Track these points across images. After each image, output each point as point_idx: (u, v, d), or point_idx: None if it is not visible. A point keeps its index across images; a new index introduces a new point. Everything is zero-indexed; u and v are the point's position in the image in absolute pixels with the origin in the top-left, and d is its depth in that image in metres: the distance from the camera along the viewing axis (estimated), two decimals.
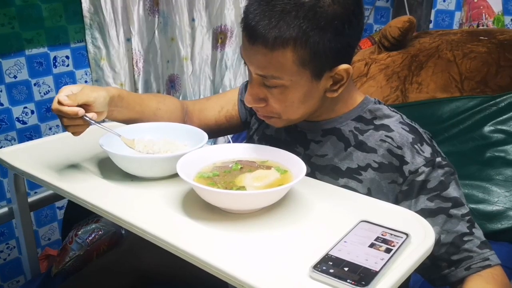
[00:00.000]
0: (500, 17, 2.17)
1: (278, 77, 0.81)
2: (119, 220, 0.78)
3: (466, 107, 1.32)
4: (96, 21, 1.69)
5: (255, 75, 0.84)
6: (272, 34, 0.77)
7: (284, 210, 0.79)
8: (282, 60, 0.78)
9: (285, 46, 0.77)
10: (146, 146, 0.94)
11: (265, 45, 0.78)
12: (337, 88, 0.85)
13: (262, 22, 0.77)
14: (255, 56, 0.81)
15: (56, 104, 0.82)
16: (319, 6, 0.77)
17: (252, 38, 0.79)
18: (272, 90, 0.83)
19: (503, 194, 1.18)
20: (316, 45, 0.78)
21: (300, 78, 0.81)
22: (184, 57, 2.05)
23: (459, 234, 0.82)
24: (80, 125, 0.85)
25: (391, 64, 1.55)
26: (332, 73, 0.83)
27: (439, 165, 0.84)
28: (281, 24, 0.76)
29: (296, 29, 0.76)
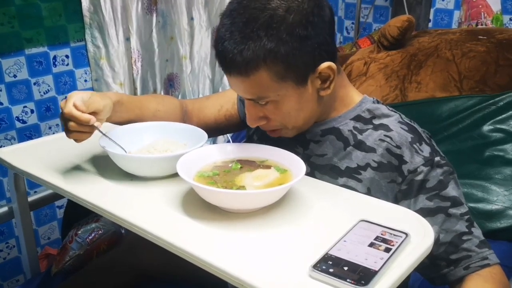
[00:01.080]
0: (499, 16, 2.17)
1: (265, 96, 0.82)
2: (119, 219, 0.78)
3: (465, 106, 1.32)
4: (95, 20, 1.69)
5: (246, 99, 0.86)
6: (241, 61, 0.78)
7: (283, 209, 0.79)
8: (260, 80, 0.80)
9: (257, 66, 0.78)
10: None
11: (239, 73, 0.80)
12: (328, 85, 0.86)
13: (228, 51, 0.78)
14: (236, 84, 0.83)
15: (71, 107, 0.82)
16: (275, 22, 0.77)
17: (227, 69, 0.81)
18: (267, 107, 0.85)
19: (502, 193, 1.19)
20: (286, 57, 0.78)
21: (286, 90, 0.82)
22: (183, 56, 2.05)
23: (458, 233, 0.82)
24: (86, 132, 0.85)
25: (390, 63, 1.56)
26: (316, 74, 0.83)
27: (438, 164, 0.84)
28: (245, 49, 0.77)
29: (262, 49, 0.77)
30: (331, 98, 0.90)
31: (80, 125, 0.83)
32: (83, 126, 0.83)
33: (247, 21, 0.77)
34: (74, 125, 0.83)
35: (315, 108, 0.88)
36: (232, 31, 0.78)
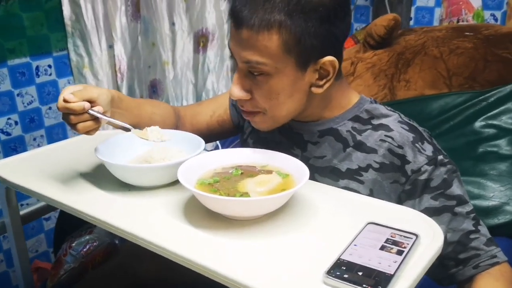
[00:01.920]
0: (480, 12, 2.20)
1: (263, 62, 0.80)
2: (119, 230, 0.76)
3: (456, 103, 1.33)
4: (77, 29, 1.66)
5: (241, 64, 0.84)
6: (257, 17, 0.78)
7: (287, 214, 0.78)
8: (267, 43, 0.79)
9: (270, 29, 0.78)
10: (159, 133, 0.91)
11: (250, 28, 0.79)
12: (323, 84, 0.85)
13: (247, 6, 0.79)
14: (241, 42, 0.81)
15: (61, 102, 0.81)
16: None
17: (238, 23, 0.80)
18: (257, 80, 0.83)
19: (498, 189, 1.19)
20: (301, 30, 0.78)
21: (285, 66, 0.81)
22: (165, 62, 2.03)
23: (465, 232, 0.82)
24: (88, 120, 0.83)
25: (378, 62, 1.56)
26: (317, 66, 0.83)
27: (441, 163, 0.84)
28: (266, 7, 0.78)
29: (282, 12, 0.77)
30: (324, 99, 0.89)
31: (79, 115, 0.82)
32: (81, 116, 0.82)
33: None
34: (73, 117, 0.82)
35: (302, 103, 0.87)
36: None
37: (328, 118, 0.92)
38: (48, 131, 1.70)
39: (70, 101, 0.81)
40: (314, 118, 0.92)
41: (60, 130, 1.74)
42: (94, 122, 0.84)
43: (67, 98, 0.81)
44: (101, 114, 0.84)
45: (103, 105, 0.85)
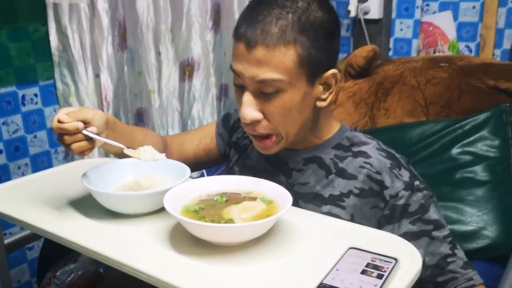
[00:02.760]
0: (455, 44, 2.29)
1: (278, 79, 0.82)
2: (107, 258, 0.76)
3: (433, 131, 1.38)
4: (64, 59, 1.68)
5: (253, 85, 0.84)
6: (274, 34, 0.80)
7: (272, 240, 0.79)
8: (283, 58, 0.81)
9: (287, 44, 0.81)
10: (152, 153, 0.92)
11: (266, 46, 0.81)
12: (326, 97, 0.89)
13: (261, 26, 0.81)
14: (254, 61, 0.82)
15: (56, 122, 0.83)
16: (312, 10, 0.83)
17: (252, 43, 0.81)
18: (270, 98, 0.84)
19: (475, 214, 1.23)
20: (312, 45, 0.82)
21: (298, 80, 0.84)
22: (151, 91, 2.06)
23: (443, 255, 0.85)
24: (83, 141, 0.85)
25: (358, 91, 1.61)
26: (322, 80, 0.87)
27: (417, 188, 0.87)
28: (279, 24, 0.81)
29: (295, 28, 0.81)
30: (315, 122, 0.92)
31: (73, 136, 0.84)
32: (76, 136, 0.84)
33: (284, 6, 0.82)
34: (67, 138, 0.84)
35: (309, 119, 0.89)
36: (268, 10, 0.82)
37: (313, 145, 0.95)
38: (33, 159, 1.70)
39: (64, 121, 0.83)
40: (302, 144, 0.95)
41: (45, 159, 1.74)
42: (88, 143, 0.85)
43: (61, 119, 0.83)
44: (95, 135, 0.85)
45: (97, 126, 0.87)
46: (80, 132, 0.84)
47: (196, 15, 2.14)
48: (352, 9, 2.32)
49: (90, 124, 0.86)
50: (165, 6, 2.00)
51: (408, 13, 2.36)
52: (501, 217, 1.23)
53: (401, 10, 2.38)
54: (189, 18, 2.13)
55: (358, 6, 2.30)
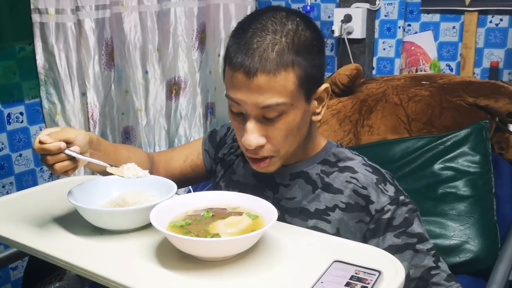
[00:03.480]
0: (436, 63, 2.35)
1: (282, 103, 0.84)
2: (93, 275, 0.76)
3: (416, 147, 1.40)
4: (51, 77, 1.69)
5: (255, 111, 0.85)
6: (273, 61, 0.82)
7: (258, 254, 0.80)
8: (285, 82, 0.83)
9: (286, 68, 0.83)
10: (135, 170, 0.92)
11: (268, 73, 0.82)
12: (320, 110, 0.91)
13: (258, 54, 0.82)
14: (256, 89, 0.83)
15: (37, 143, 0.83)
16: (301, 30, 0.85)
17: (252, 72, 0.82)
18: (273, 122, 0.86)
19: (458, 228, 1.25)
20: (308, 64, 0.85)
21: (298, 101, 0.86)
22: (138, 109, 2.07)
23: (427, 268, 0.87)
24: (66, 160, 0.85)
25: (342, 109, 1.63)
26: (316, 95, 0.89)
27: (402, 202, 0.89)
28: (277, 49, 0.82)
29: (291, 51, 0.83)
30: (307, 136, 0.94)
31: (55, 156, 0.84)
32: (58, 156, 0.84)
33: (275, 30, 0.84)
34: (49, 158, 0.84)
35: (305, 135, 0.92)
36: (261, 37, 0.83)
37: (299, 160, 0.96)
38: (18, 178, 1.69)
39: (45, 142, 0.83)
40: (289, 160, 0.96)
41: (31, 178, 1.73)
42: (71, 162, 0.85)
43: (43, 140, 0.83)
44: (78, 154, 0.86)
45: (80, 146, 0.87)
46: (63, 152, 0.84)
47: (182, 34, 2.17)
48: (336, 29, 2.37)
49: (73, 144, 0.86)
50: (152, 25, 2.02)
51: (391, 33, 2.42)
52: (483, 231, 1.25)
53: (383, 30, 2.44)
54: (175, 38, 2.16)
55: (341, 26, 2.35)
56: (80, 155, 0.86)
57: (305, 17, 0.89)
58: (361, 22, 2.35)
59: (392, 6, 2.38)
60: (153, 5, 2.00)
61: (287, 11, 0.88)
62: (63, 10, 1.65)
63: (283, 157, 0.91)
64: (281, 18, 0.85)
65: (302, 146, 0.94)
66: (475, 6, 2.18)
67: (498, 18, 2.17)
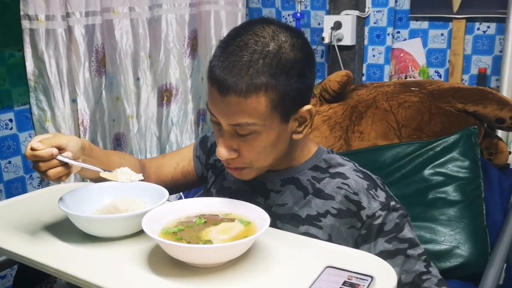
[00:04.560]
0: (425, 69, 2.37)
1: (252, 123, 0.84)
2: (84, 282, 0.76)
3: (406, 153, 1.41)
4: (40, 84, 1.68)
5: (228, 127, 0.86)
6: (245, 82, 0.81)
7: (250, 261, 0.80)
8: (256, 105, 0.83)
9: (258, 92, 0.82)
10: (128, 174, 0.92)
11: (238, 94, 0.82)
12: (302, 130, 0.90)
13: (232, 73, 0.82)
14: (228, 107, 0.83)
15: (29, 150, 0.83)
16: (282, 53, 0.83)
17: (224, 90, 0.82)
18: (245, 138, 0.86)
19: (448, 233, 1.26)
20: (284, 87, 0.84)
21: (272, 121, 0.85)
22: (129, 116, 2.06)
23: (418, 273, 0.87)
24: (58, 167, 0.85)
25: (333, 115, 1.64)
26: (297, 115, 0.88)
27: (393, 208, 0.90)
28: (251, 72, 0.81)
29: (266, 74, 0.82)
30: (293, 147, 0.94)
31: (48, 162, 0.83)
32: (51, 162, 0.84)
33: (254, 51, 0.82)
34: (42, 165, 0.84)
35: (284, 150, 0.92)
36: (241, 56, 0.82)
37: (290, 167, 0.97)
38: (7, 185, 1.68)
39: (37, 148, 0.83)
40: (279, 166, 0.97)
41: (20, 185, 1.72)
42: (64, 168, 0.85)
43: (35, 147, 0.83)
44: (70, 160, 0.85)
45: (73, 152, 0.87)
46: (55, 158, 0.84)
47: (174, 41, 2.17)
48: (326, 36, 2.39)
49: (65, 150, 0.86)
50: (143, 32, 2.02)
51: (380, 40, 2.44)
52: (473, 236, 1.26)
53: (373, 37, 2.46)
54: (167, 44, 2.16)
55: (331, 33, 2.36)
56: (73, 161, 0.86)
57: (295, 36, 0.87)
58: (351, 29, 2.37)
59: (381, 13, 2.40)
60: (144, 12, 2.00)
61: (277, 27, 0.86)
62: (54, 16, 1.64)
63: (259, 169, 0.92)
64: (265, 36, 0.84)
65: (289, 155, 0.95)
66: (463, 14, 2.21)
67: (486, 25, 2.21)
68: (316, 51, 2.59)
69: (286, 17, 2.67)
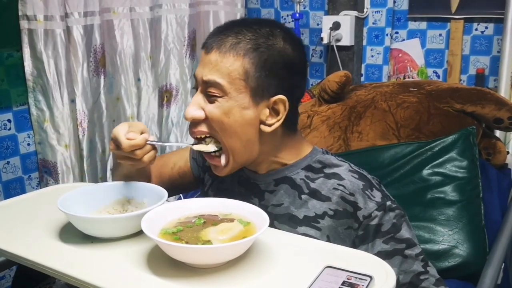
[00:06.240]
0: (423, 70, 2.37)
1: (220, 84, 0.87)
2: (83, 283, 0.76)
3: (404, 153, 1.41)
4: (39, 84, 1.68)
5: (201, 86, 0.90)
6: (228, 42, 0.87)
7: (250, 261, 0.80)
8: (229, 66, 0.87)
9: (235, 54, 0.87)
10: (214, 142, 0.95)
11: (219, 51, 0.88)
12: (272, 123, 0.90)
13: (221, 35, 0.89)
14: (207, 64, 0.89)
15: (125, 141, 0.88)
16: (272, 38, 0.89)
17: (209, 48, 0.89)
18: (212, 101, 0.89)
19: (447, 233, 1.26)
20: (262, 63, 0.87)
21: (240, 92, 0.88)
22: (130, 116, 2.06)
23: (416, 273, 0.87)
24: (151, 151, 0.92)
25: (332, 115, 1.64)
26: (270, 103, 0.89)
27: (390, 208, 0.90)
28: (238, 36, 0.88)
29: (250, 43, 0.87)
30: (277, 146, 0.94)
31: (143, 149, 0.89)
32: (145, 148, 0.90)
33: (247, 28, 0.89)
34: (139, 153, 0.89)
35: (253, 140, 0.91)
36: (234, 27, 0.89)
37: (282, 167, 0.97)
38: (5, 186, 1.68)
39: (133, 138, 0.88)
40: (266, 168, 0.97)
41: (18, 185, 1.72)
42: (155, 151, 0.92)
43: (130, 137, 0.88)
44: (158, 141, 0.91)
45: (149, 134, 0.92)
46: (148, 143, 0.90)
47: (174, 41, 2.17)
48: (324, 37, 2.39)
49: (148, 134, 0.91)
50: (144, 33, 2.03)
51: (378, 41, 2.45)
52: (471, 236, 1.26)
53: (371, 37, 2.46)
54: (167, 45, 2.16)
55: (330, 33, 2.37)
56: (161, 142, 0.90)
57: (291, 35, 0.92)
58: (350, 30, 2.37)
59: (379, 14, 2.41)
60: (145, 13, 2.01)
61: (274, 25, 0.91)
62: (52, 16, 1.64)
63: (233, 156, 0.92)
64: (266, 24, 0.90)
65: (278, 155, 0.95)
66: (461, 14, 2.21)
67: (484, 26, 2.21)
68: (314, 52, 2.60)
69: (285, 18, 2.67)
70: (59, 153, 1.73)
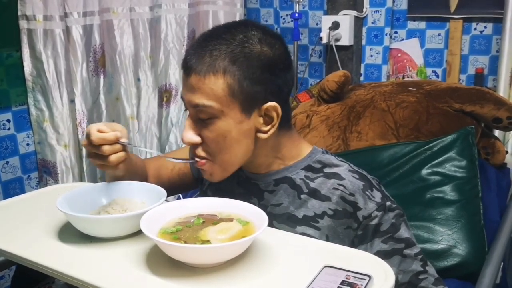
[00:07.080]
0: (422, 69, 2.38)
1: (209, 105, 0.86)
2: (82, 283, 0.76)
3: (403, 153, 1.41)
4: (38, 84, 1.68)
5: (191, 110, 0.89)
6: (205, 63, 0.85)
7: (249, 261, 0.80)
8: (213, 87, 0.85)
9: (216, 73, 0.85)
10: None
11: (198, 73, 0.85)
12: (267, 129, 0.90)
13: (196, 55, 0.86)
14: (190, 87, 0.87)
15: (95, 133, 0.86)
16: (248, 43, 0.86)
17: (188, 70, 0.87)
18: (206, 124, 0.88)
19: (446, 233, 1.26)
20: (244, 75, 0.85)
21: (230, 109, 0.86)
22: (130, 116, 2.06)
23: (415, 273, 0.87)
24: (120, 151, 0.89)
25: (331, 115, 1.64)
26: (261, 111, 0.89)
27: (389, 208, 0.90)
28: (213, 54, 0.85)
29: (226, 59, 0.85)
30: (275, 148, 0.94)
31: (112, 146, 0.87)
32: (115, 146, 0.88)
33: (222, 39, 0.86)
34: (107, 148, 0.87)
35: (249, 149, 0.91)
36: (208, 41, 0.87)
37: (281, 167, 0.97)
38: (5, 186, 1.68)
39: (104, 131, 0.86)
40: (266, 168, 0.97)
41: (18, 185, 1.72)
42: (124, 153, 0.90)
43: (102, 129, 0.86)
44: (129, 143, 0.89)
45: (127, 138, 0.91)
46: (118, 142, 0.88)
47: (173, 41, 2.17)
48: (324, 36, 2.39)
49: (122, 136, 0.90)
50: (144, 33, 2.03)
51: (378, 40, 2.45)
52: (470, 235, 1.26)
53: (370, 37, 2.46)
54: (166, 45, 2.16)
55: (329, 33, 2.37)
56: (131, 145, 0.90)
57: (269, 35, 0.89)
58: (349, 29, 2.37)
59: (379, 13, 2.41)
60: (145, 12, 2.01)
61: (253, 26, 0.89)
62: (51, 16, 1.64)
63: (224, 166, 0.92)
64: (237, 30, 0.88)
65: (277, 156, 0.95)
66: (460, 14, 2.22)
67: (483, 26, 2.21)
68: (314, 51, 2.60)
69: (284, 17, 2.67)
70: (59, 153, 1.73)
